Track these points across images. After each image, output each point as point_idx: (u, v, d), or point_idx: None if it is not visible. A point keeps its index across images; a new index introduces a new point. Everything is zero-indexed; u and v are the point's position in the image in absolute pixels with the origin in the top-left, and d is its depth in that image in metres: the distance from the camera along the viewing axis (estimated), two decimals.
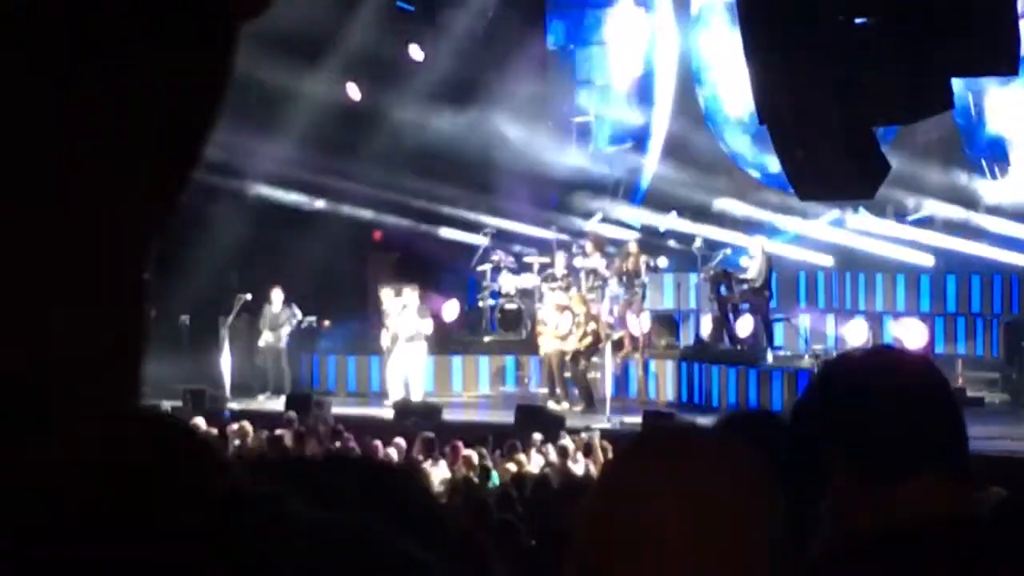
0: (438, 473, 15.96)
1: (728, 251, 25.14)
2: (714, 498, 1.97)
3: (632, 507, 1.98)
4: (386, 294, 23.96)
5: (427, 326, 23.64)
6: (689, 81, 27.16)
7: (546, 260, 25.80)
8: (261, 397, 24.08)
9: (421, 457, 16.90)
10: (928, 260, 25.74)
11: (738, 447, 2.08)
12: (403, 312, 23.61)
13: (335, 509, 0.82)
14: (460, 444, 17.01)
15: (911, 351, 3.84)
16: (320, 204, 26.47)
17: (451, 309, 26.06)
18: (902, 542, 2.44)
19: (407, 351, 23.52)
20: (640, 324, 24.57)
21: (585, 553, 2.01)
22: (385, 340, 23.76)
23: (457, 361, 25.44)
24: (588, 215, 27.42)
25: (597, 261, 24.86)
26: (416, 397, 23.17)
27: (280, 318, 24.67)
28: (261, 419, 19.54)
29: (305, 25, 23.32)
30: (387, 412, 22.18)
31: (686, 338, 25.56)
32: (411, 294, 23.70)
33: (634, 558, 1.97)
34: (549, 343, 23.45)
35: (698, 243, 25.59)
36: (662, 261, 26.91)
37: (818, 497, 2.47)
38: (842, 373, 2.64)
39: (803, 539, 2.20)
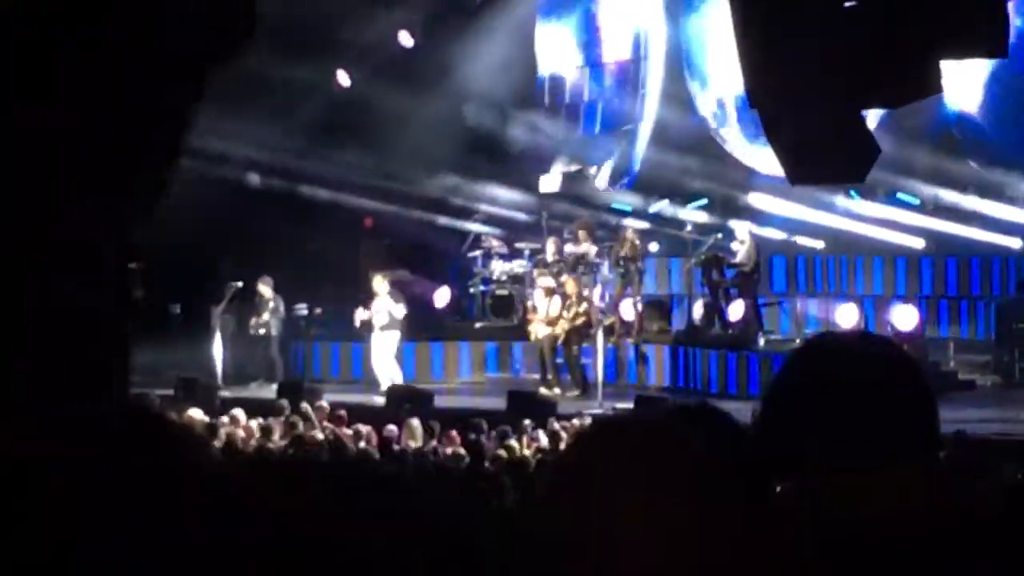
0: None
1: (719, 236, 25.13)
2: (666, 488, 1.97)
3: (585, 496, 1.98)
4: (376, 281, 23.93)
5: (399, 312, 23.54)
6: (679, 65, 27.13)
7: (537, 246, 25.80)
8: (253, 385, 24.07)
9: (414, 443, 16.90)
10: (918, 243, 25.79)
11: (691, 435, 2.07)
12: (376, 300, 23.58)
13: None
14: (452, 433, 17.02)
15: (883, 337, 3.77)
16: (311, 191, 26.44)
17: (442, 295, 26.04)
18: (875, 544, 2.42)
19: (381, 339, 23.52)
20: (632, 309, 24.58)
21: (538, 542, 2.00)
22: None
23: (448, 347, 25.43)
24: (578, 200, 27.43)
25: (587, 247, 24.84)
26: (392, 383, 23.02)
27: (268, 307, 24.69)
28: (253, 407, 19.51)
29: (296, 13, 23.27)
30: (376, 399, 22.16)
31: (678, 323, 25.57)
32: (381, 282, 23.64)
33: (587, 548, 1.96)
34: (540, 328, 23.44)
35: (688, 228, 25.61)
36: (652, 246, 26.94)
37: (787, 486, 2.44)
38: (813, 359, 2.60)
39: (768, 528, 2.18)
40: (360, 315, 23.70)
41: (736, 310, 23.69)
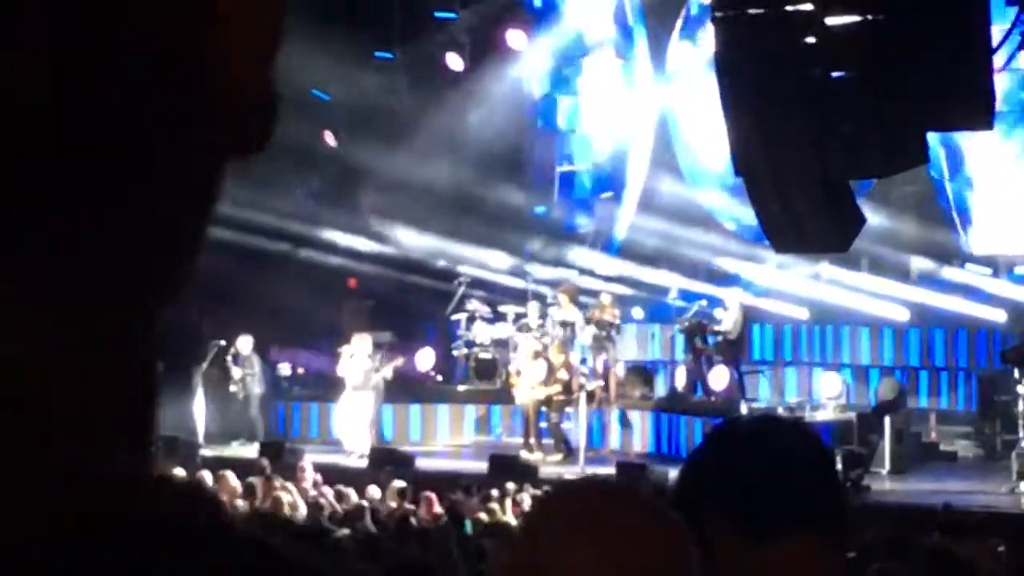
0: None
1: (704, 303, 25.16)
2: (634, 552, 1.99)
3: (551, 560, 1.99)
4: (355, 340, 23.82)
5: (377, 375, 23.42)
6: (666, 133, 27.24)
7: (521, 310, 25.79)
8: (234, 444, 23.98)
9: (395, 505, 16.85)
10: (903, 314, 25.84)
11: (656, 501, 2.12)
12: (351, 361, 23.48)
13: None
14: (432, 496, 16.95)
15: (791, 420, 4.10)
16: (296, 251, 26.45)
17: (425, 358, 26.00)
18: None
19: (351, 399, 23.42)
20: (613, 375, 24.57)
21: None
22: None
23: (427, 409, 25.37)
24: (562, 265, 27.47)
25: (570, 312, 24.81)
26: (363, 447, 22.87)
27: (249, 366, 24.60)
28: (234, 466, 19.43)
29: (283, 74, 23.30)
30: (357, 460, 22.08)
31: (661, 389, 25.56)
32: (360, 342, 23.55)
33: None
34: (524, 392, 23.40)
35: (673, 294, 25.64)
36: (636, 312, 26.95)
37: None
38: (722, 438, 2.80)
39: None
40: (340, 367, 23.62)
41: (719, 378, 23.68)
